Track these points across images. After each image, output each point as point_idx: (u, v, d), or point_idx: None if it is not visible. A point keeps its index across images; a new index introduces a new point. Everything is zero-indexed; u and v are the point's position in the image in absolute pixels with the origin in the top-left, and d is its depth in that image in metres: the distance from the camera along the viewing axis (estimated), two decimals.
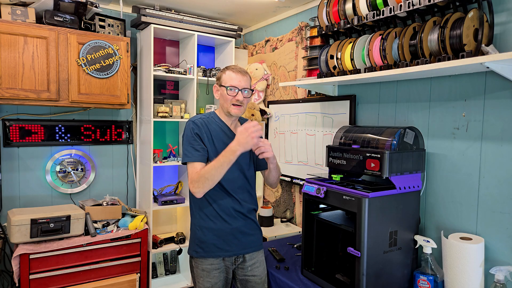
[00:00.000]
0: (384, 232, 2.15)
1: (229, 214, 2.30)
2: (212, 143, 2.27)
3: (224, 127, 2.35)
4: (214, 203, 2.29)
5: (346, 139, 2.54)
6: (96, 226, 3.42)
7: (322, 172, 2.80)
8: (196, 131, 2.26)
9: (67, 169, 3.71)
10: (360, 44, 2.57)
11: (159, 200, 3.79)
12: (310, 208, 2.53)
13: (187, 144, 2.25)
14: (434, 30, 2.13)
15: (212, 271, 2.30)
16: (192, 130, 2.26)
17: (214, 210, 2.30)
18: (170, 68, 3.81)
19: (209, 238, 2.29)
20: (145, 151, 3.89)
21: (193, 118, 2.33)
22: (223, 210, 2.29)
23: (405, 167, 2.22)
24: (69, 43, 3.26)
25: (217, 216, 2.29)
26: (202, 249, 2.30)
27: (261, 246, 2.46)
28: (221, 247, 2.30)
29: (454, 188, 2.33)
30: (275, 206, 4.09)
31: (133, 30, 4.01)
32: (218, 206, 2.29)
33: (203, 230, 2.31)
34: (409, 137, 2.29)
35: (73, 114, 3.74)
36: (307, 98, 3.57)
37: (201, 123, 2.30)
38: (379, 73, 2.34)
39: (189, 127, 2.28)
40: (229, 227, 2.30)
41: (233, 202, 2.31)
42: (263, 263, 2.46)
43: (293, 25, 3.83)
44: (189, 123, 2.30)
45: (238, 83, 2.27)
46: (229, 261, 2.34)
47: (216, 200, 2.29)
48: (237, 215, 2.32)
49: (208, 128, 2.29)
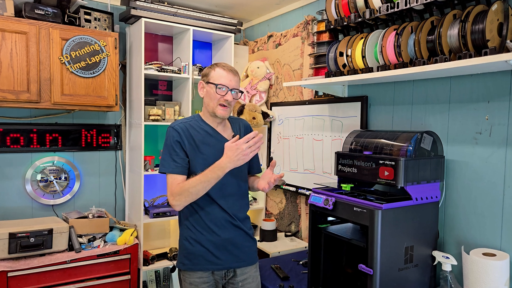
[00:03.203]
0: (399, 247, 2.15)
1: (218, 224, 2.32)
2: (196, 150, 2.29)
3: (209, 129, 2.36)
4: (201, 211, 2.31)
5: (357, 145, 2.54)
6: (81, 241, 3.42)
7: (330, 182, 2.80)
8: (177, 139, 2.28)
9: (49, 178, 3.72)
10: (372, 40, 2.58)
11: (151, 212, 3.80)
12: (317, 221, 2.53)
13: (166, 154, 2.29)
14: (454, 24, 2.15)
15: (200, 284, 2.32)
16: (172, 138, 2.28)
17: (201, 220, 2.31)
18: (163, 66, 3.82)
19: (197, 250, 2.31)
20: (135, 158, 3.90)
21: (174, 124, 2.33)
22: (211, 220, 2.31)
23: (422, 175, 2.23)
24: (51, 39, 3.28)
25: (205, 226, 2.31)
26: (190, 261, 2.32)
27: (254, 260, 2.47)
28: (210, 260, 2.31)
29: (476, 199, 2.34)
30: (278, 219, 4.09)
31: (122, 25, 4.03)
32: (206, 215, 2.31)
33: (190, 241, 2.33)
34: (427, 142, 2.29)
35: (55, 117, 3.75)
36: (314, 99, 3.59)
37: (182, 128, 2.31)
38: (394, 72, 2.35)
39: (169, 135, 2.30)
40: (218, 238, 2.32)
41: (222, 211, 2.33)
42: (257, 279, 2.46)
43: (298, 19, 3.85)
44: (169, 130, 2.31)
45: (229, 82, 2.29)
46: (219, 275, 2.36)
47: (204, 208, 2.31)
48: (227, 225, 2.34)
49: (190, 133, 2.30)
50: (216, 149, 2.29)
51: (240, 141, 2.11)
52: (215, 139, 2.34)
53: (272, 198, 4.18)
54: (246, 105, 3.94)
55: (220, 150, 2.24)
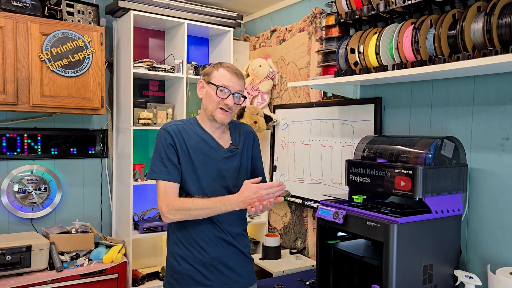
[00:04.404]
0: (417, 266, 2.15)
1: (207, 240, 2.30)
2: (187, 156, 2.28)
3: (204, 135, 2.34)
4: (189, 226, 2.30)
5: (370, 152, 2.55)
6: (63, 259, 3.42)
7: (340, 193, 2.81)
8: (170, 142, 2.27)
9: (28, 188, 3.73)
10: (387, 35, 2.60)
11: (141, 226, 3.80)
12: (325, 237, 2.54)
13: (157, 159, 2.28)
14: (478, 17, 2.15)
15: None
16: (165, 141, 2.28)
17: (189, 234, 2.31)
18: (154, 64, 3.84)
19: (184, 269, 2.30)
20: (123, 167, 3.92)
21: (166, 125, 2.33)
22: (199, 235, 2.30)
23: (442, 186, 2.24)
24: (29, 34, 3.30)
25: (193, 241, 2.30)
26: (176, 281, 2.32)
27: (251, 281, 2.45)
28: (198, 280, 2.30)
29: (503, 212, 2.34)
30: (282, 234, 4.10)
31: (109, 18, 4.04)
32: (194, 230, 2.30)
33: (177, 258, 2.33)
34: (448, 149, 2.30)
35: (35, 121, 3.77)
36: (322, 101, 3.60)
37: (175, 130, 2.30)
38: (411, 71, 2.36)
39: (161, 137, 2.29)
40: (207, 256, 2.29)
41: (213, 226, 2.31)
42: None
43: (305, 11, 3.86)
44: (161, 132, 2.31)
45: (232, 84, 2.27)
46: None
47: (192, 223, 2.29)
48: (217, 241, 2.32)
49: (183, 137, 2.29)
50: (208, 157, 2.29)
51: (262, 186, 2.13)
52: (210, 146, 2.32)
53: (276, 211, 4.19)
54: (247, 108, 3.94)
55: (213, 159, 2.25)
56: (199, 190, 2.27)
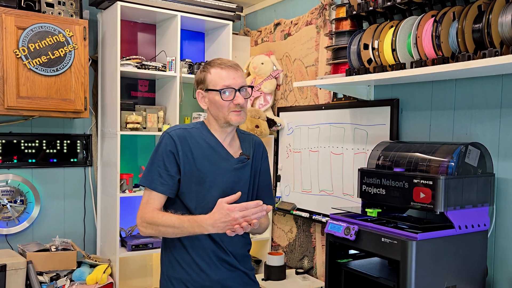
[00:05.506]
0: (438, 287, 2.15)
1: (208, 261, 2.27)
2: (193, 165, 2.25)
3: (213, 142, 2.31)
4: (187, 244, 2.26)
5: (385, 160, 2.55)
6: (41, 280, 3.42)
7: (352, 206, 2.81)
8: (171, 149, 2.24)
9: (2, 201, 3.73)
10: (404, 29, 2.60)
11: (129, 243, 3.80)
12: (336, 255, 2.53)
13: (153, 165, 2.25)
14: (506, 9, 2.15)
15: None
16: (165, 146, 2.25)
17: (188, 254, 2.27)
18: (144, 62, 3.85)
19: None
20: (109, 177, 3.92)
21: (171, 130, 2.31)
22: (199, 255, 2.26)
23: (467, 198, 2.23)
24: (4, 28, 3.30)
25: (192, 262, 2.26)
26: None
27: None
28: None
29: None
30: (288, 252, 4.09)
31: (93, 10, 4.05)
32: (193, 250, 2.26)
33: (172, 281, 2.30)
34: (473, 157, 2.30)
35: (10, 126, 3.77)
36: (331, 103, 3.60)
37: (179, 136, 2.27)
38: (432, 69, 2.37)
39: (163, 142, 2.26)
40: (208, 279, 2.26)
41: (214, 245, 2.27)
42: None
43: (312, 2, 3.86)
44: (164, 136, 2.28)
45: (233, 81, 2.24)
46: None
47: (191, 240, 2.25)
48: (220, 263, 2.29)
49: (189, 144, 2.26)
50: (217, 167, 2.26)
51: (236, 207, 2.03)
52: (218, 155, 2.29)
53: (280, 226, 4.19)
54: (248, 111, 3.93)
55: (221, 169, 2.23)
56: (201, 204, 2.23)
